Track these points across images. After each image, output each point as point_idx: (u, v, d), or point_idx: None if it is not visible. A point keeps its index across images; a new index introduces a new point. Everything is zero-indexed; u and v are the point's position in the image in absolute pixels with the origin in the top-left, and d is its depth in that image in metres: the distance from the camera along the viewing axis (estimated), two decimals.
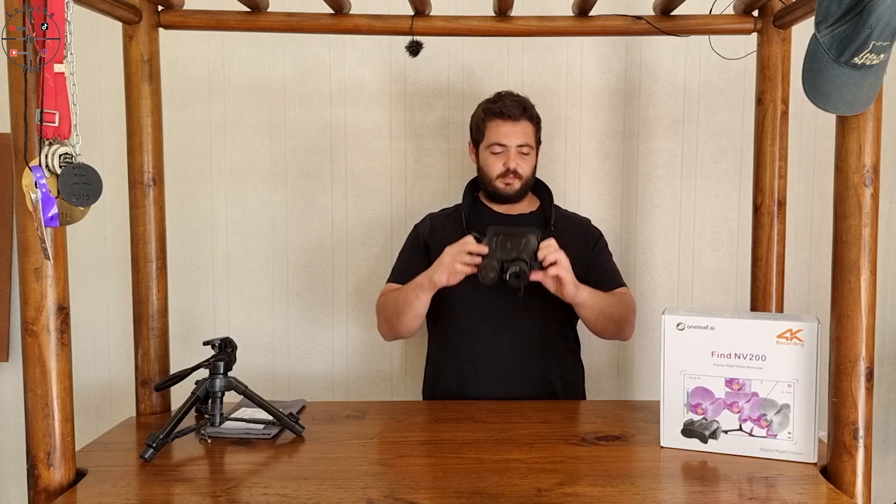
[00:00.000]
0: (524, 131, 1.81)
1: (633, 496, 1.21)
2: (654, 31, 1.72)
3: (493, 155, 1.82)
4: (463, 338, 1.80)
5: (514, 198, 1.84)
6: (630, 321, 1.83)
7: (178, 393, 1.62)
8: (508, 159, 1.80)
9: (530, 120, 1.83)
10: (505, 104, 1.82)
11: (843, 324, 1.26)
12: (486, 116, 1.83)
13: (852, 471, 1.25)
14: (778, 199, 1.72)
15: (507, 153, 1.80)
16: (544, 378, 1.81)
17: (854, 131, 1.22)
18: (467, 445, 1.44)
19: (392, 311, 1.77)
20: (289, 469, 1.34)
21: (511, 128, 1.80)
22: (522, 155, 1.82)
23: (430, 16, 1.73)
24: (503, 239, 1.63)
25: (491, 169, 1.83)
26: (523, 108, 1.82)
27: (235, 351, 1.51)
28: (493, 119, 1.81)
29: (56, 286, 1.22)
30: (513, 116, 1.80)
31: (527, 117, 1.82)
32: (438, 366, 1.88)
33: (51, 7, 1.12)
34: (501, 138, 1.80)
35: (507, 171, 1.80)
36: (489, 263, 1.59)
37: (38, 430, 1.23)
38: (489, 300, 1.75)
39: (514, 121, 1.80)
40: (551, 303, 1.71)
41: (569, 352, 1.89)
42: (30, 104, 1.15)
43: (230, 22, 1.71)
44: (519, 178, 1.82)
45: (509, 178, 1.81)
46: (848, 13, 1.07)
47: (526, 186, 1.85)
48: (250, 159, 2.25)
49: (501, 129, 1.80)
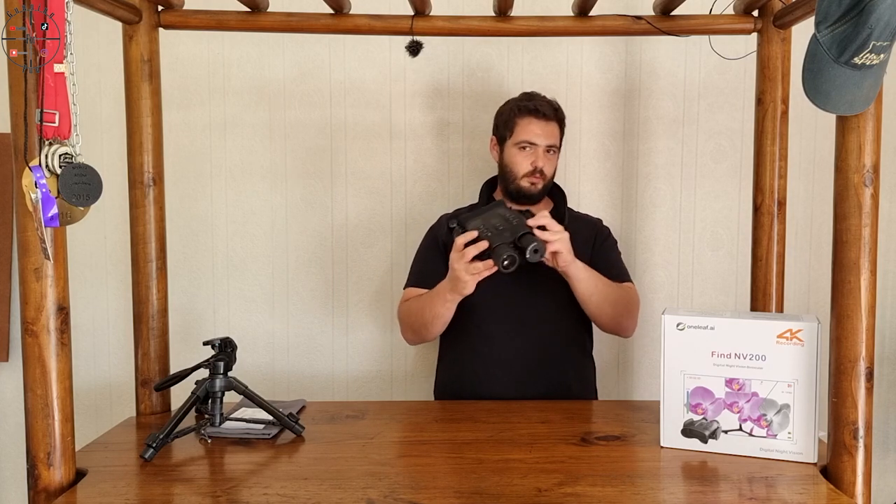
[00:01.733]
0: (554, 132, 1.83)
1: (633, 496, 1.21)
2: (654, 31, 1.72)
3: (521, 152, 1.82)
4: (479, 339, 1.79)
5: (536, 197, 1.84)
6: (631, 313, 1.80)
7: (178, 393, 1.62)
8: (537, 158, 1.80)
9: (559, 122, 1.85)
10: (539, 103, 1.83)
11: (843, 324, 1.25)
12: (518, 113, 1.83)
13: (852, 471, 1.25)
14: (778, 199, 1.72)
15: (535, 152, 1.81)
16: (561, 378, 1.80)
17: (854, 131, 1.22)
18: (467, 445, 1.44)
19: (419, 322, 1.76)
20: (289, 469, 1.34)
21: (543, 127, 1.81)
22: (548, 156, 1.82)
23: (430, 16, 1.73)
24: (488, 223, 1.58)
25: (518, 167, 1.82)
26: (555, 109, 1.84)
27: (235, 351, 1.51)
28: (525, 116, 1.81)
29: (56, 286, 1.22)
30: (546, 116, 1.81)
31: (556, 119, 1.84)
32: (453, 367, 1.87)
33: (51, 7, 1.12)
34: (532, 136, 1.80)
35: (535, 171, 1.80)
36: (500, 251, 1.51)
37: (38, 430, 1.23)
38: (505, 301, 1.75)
39: (546, 120, 1.81)
40: (567, 303, 1.72)
41: (584, 351, 1.88)
42: (30, 104, 1.15)
43: (230, 22, 1.71)
44: (543, 179, 1.82)
45: (536, 177, 1.81)
46: (848, 13, 1.07)
47: (547, 187, 1.86)
48: (250, 159, 2.25)
49: (533, 128, 1.80)
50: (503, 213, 1.60)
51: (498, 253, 1.51)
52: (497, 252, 1.52)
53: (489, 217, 1.60)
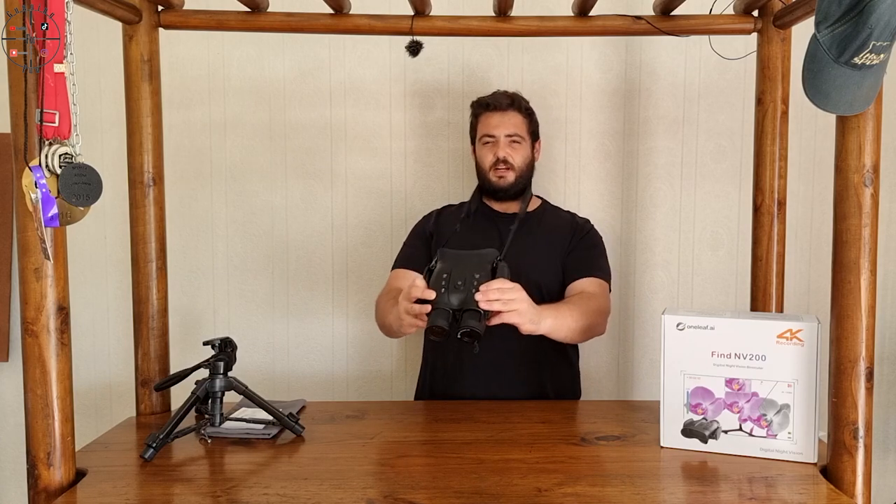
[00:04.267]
0: (513, 122, 1.84)
1: (633, 496, 1.21)
2: (654, 31, 1.72)
3: (484, 147, 1.86)
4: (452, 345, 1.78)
5: (508, 191, 1.84)
6: (599, 323, 1.74)
7: (178, 393, 1.62)
8: (498, 149, 1.82)
9: (519, 111, 1.86)
10: (494, 97, 1.87)
11: (843, 324, 1.25)
12: (477, 111, 1.89)
13: (852, 471, 1.25)
14: (778, 199, 1.72)
15: (496, 143, 1.83)
16: (535, 383, 1.79)
17: (854, 131, 1.22)
18: (467, 445, 1.44)
19: (383, 324, 1.75)
20: (289, 469, 1.34)
21: (499, 118, 1.84)
22: (513, 144, 1.83)
23: (430, 16, 1.73)
24: (452, 274, 1.46)
25: (484, 161, 1.85)
26: (511, 100, 1.86)
27: (235, 351, 1.51)
28: (482, 112, 1.87)
29: (56, 286, 1.22)
30: (500, 107, 1.84)
31: (515, 108, 1.85)
32: (430, 368, 1.89)
33: (51, 7, 1.12)
34: (490, 129, 1.84)
35: (498, 161, 1.82)
36: (435, 317, 1.41)
37: (38, 430, 1.23)
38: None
39: (502, 111, 1.84)
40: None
41: (562, 357, 1.86)
42: (30, 104, 1.15)
43: (230, 22, 1.71)
44: (511, 169, 1.83)
45: (500, 168, 1.82)
46: (848, 13, 1.07)
47: (521, 179, 1.85)
48: (250, 159, 2.25)
49: (490, 121, 1.85)
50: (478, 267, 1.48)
51: (433, 318, 1.42)
52: (432, 316, 1.42)
53: (464, 265, 1.48)
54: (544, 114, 2.20)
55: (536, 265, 1.79)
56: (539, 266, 1.80)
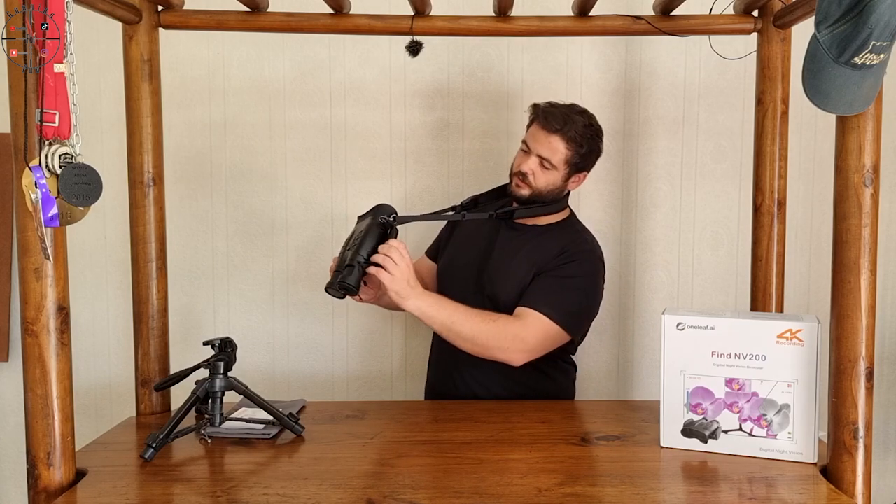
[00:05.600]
0: (552, 147, 1.74)
1: (633, 496, 1.21)
2: (654, 31, 1.72)
3: (520, 151, 1.81)
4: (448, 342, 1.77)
5: (520, 201, 1.80)
6: (508, 349, 1.65)
7: (178, 393, 1.62)
8: (524, 162, 1.77)
9: (565, 139, 1.73)
10: (550, 111, 1.76)
11: (843, 324, 1.26)
12: (532, 116, 1.80)
13: (852, 471, 1.25)
14: (778, 199, 1.72)
15: (528, 156, 1.77)
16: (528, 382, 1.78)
17: (854, 131, 1.23)
18: (467, 445, 1.44)
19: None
20: (289, 469, 1.34)
21: (543, 136, 1.74)
22: (541, 168, 1.76)
23: (430, 16, 1.73)
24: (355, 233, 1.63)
25: (513, 164, 1.82)
26: (563, 124, 1.73)
27: (235, 351, 1.51)
28: (536, 120, 1.78)
29: (56, 286, 1.22)
30: (549, 127, 1.73)
31: (562, 133, 1.72)
32: (433, 368, 1.92)
33: (51, 7, 1.12)
34: (530, 140, 1.77)
35: (520, 173, 1.77)
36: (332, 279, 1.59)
37: (38, 430, 1.23)
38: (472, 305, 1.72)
39: (549, 132, 1.73)
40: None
41: (558, 360, 1.84)
42: (30, 104, 1.15)
43: (230, 22, 1.71)
44: (528, 186, 1.77)
45: (520, 180, 1.78)
46: (848, 13, 1.07)
47: (535, 199, 1.78)
48: (250, 159, 2.25)
49: (535, 133, 1.77)
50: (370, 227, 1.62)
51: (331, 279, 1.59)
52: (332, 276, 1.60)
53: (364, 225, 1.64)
54: None
55: (501, 278, 1.76)
56: (503, 280, 1.76)
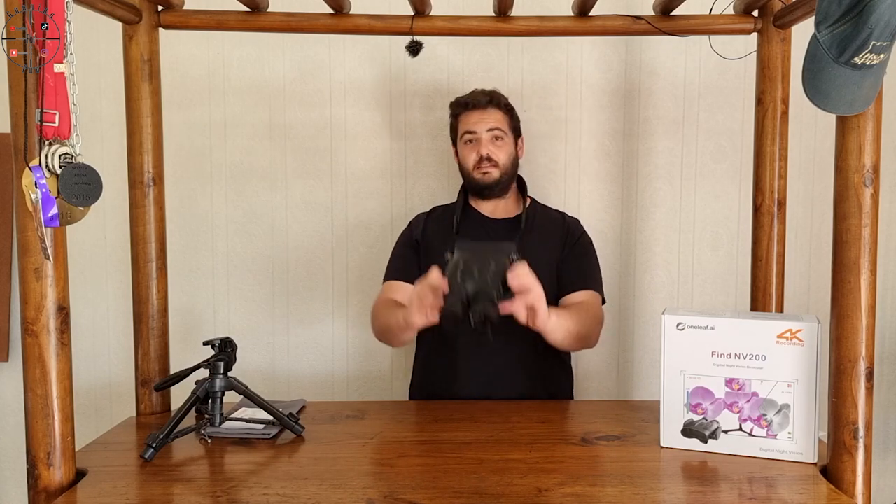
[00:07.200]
0: (493, 118, 1.83)
1: (633, 496, 1.21)
2: (654, 31, 1.72)
3: (466, 146, 1.84)
4: (446, 342, 1.78)
5: (493, 188, 1.82)
6: (594, 334, 1.74)
7: (178, 393, 1.62)
8: (480, 146, 1.81)
9: (499, 107, 1.84)
10: (470, 95, 1.87)
11: (843, 324, 1.26)
12: (455, 111, 1.88)
13: (852, 471, 1.25)
14: (778, 199, 1.72)
15: (479, 141, 1.81)
16: (529, 382, 1.78)
17: (854, 131, 1.22)
18: (467, 445, 1.44)
19: (383, 329, 1.74)
20: (289, 469, 1.34)
21: (479, 115, 1.83)
22: (496, 141, 1.82)
23: (430, 16, 1.73)
24: (468, 263, 1.45)
25: (467, 160, 1.84)
26: (489, 97, 1.85)
27: (235, 351, 1.51)
28: (461, 112, 1.86)
29: (56, 286, 1.22)
30: (479, 105, 1.83)
31: (494, 104, 1.84)
32: (424, 369, 1.89)
33: (51, 7, 1.12)
34: (471, 126, 1.83)
35: (481, 159, 1.80)
36: (451, 303, 1.42)
37: (38, 430, 1.23)
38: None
39: (482, 108, 1.83)
40: None
41: (556, 359, 1.84)
42: (30, 104, 1.15)
43: (230, 22, 1.71)
44: (495, 166, 1.81)
45: (484, 165, 1.80)
46: (848, 13, 1.07)
47: (505, 177, 1.82)
48: (250, 159, 2.25)
49: (470, 118, 1.84)
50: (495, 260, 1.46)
51: (448, 303, 1.43)
52: (448, 302, 1.43)
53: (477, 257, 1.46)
54: (544, 114, 2.20)
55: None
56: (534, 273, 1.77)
